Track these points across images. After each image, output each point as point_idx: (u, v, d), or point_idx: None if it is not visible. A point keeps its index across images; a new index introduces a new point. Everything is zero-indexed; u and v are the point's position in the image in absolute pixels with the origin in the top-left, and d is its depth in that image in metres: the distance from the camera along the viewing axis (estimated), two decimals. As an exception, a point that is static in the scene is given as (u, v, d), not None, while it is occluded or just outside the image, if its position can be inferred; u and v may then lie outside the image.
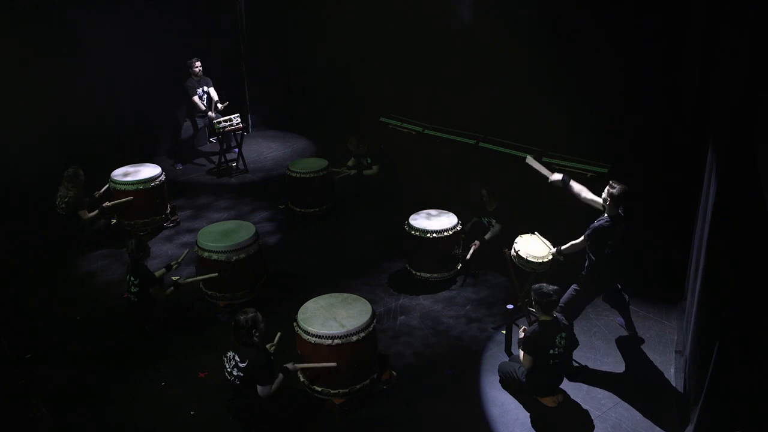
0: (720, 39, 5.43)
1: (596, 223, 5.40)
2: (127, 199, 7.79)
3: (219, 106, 10.07)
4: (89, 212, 7.61)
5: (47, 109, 9.05)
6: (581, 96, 7.56)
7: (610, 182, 5.45)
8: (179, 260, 6.71)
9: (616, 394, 5.31)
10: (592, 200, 5.62)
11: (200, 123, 10.33)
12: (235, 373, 4.63)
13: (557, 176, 5.86)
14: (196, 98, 9.95)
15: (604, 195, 5.44)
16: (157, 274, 6.36)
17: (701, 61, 6.25)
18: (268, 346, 5.21)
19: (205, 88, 10.03)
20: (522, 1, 8.25)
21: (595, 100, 7.51)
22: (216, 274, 6.31)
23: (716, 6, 5.70)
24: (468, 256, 6.95)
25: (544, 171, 6.04)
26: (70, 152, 8.57)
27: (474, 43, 8.84)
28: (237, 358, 4.63)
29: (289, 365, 4.97)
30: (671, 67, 6.87)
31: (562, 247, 5.78)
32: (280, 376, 4.83)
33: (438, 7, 8.95)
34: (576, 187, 5.73)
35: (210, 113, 10.03)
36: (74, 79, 9.23)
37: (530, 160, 6.16)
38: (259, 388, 4.64)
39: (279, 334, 5.37)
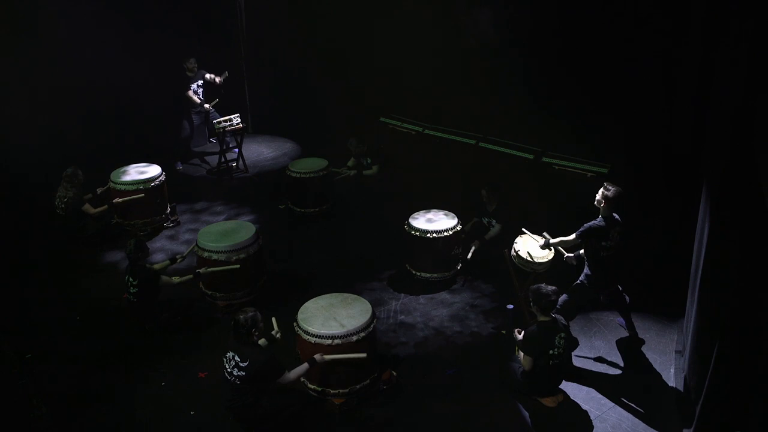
0: (720, 39, 5.43)
1: (589, 223, 5.46)
2: (138, 196, 7.79)
3: (218, 80, 9.97)
4: (94, 208, 7.59)
5: (47, 109, 9.05)
6: (581, 96, 7.56)
7: (605, 184, 5.49)
8: (184, 254, 6.71)
9: (616, 394, 5.31)
10: (566, 242, 5.72)
11: (196, 120, 10.31)
12: (235, 373, 4.63)
13: (540, 241, 5.98)
14: (190, 92, 9.95)
15: (598, 197, 5.49)
16: (159, 266, 6.37)
17: (701, 61, 6.25)
18: (273, 332, 5.22)
19: (200, 82, 10.01)
20: (522, 0, 8.25)
21: (596, 100, 7.50)
22: (238, 266, 6.31)
23: (716, 6, 5.70)
24: (469, 256, 6.95)
25: (535, 239, 6.13)
26: (70, 152, 8.57)
27: (474, 43, 8.83)
28: (237, 358, 4.63)
29: (317, 356, 4.96)
30: (671, 67, 6.87)
31: (552, 240, 5.85)
32: (305, 365, 4.86)
33: (438, 7, 8.94)
34: (555, 241, 5.85)
35: (207, 105, 10.02)
36: (75, 79, 9.24)
37: (526, 233, 6.27)
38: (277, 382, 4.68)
39: (273, 318, 5.37)
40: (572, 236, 5.63)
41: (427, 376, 5.65)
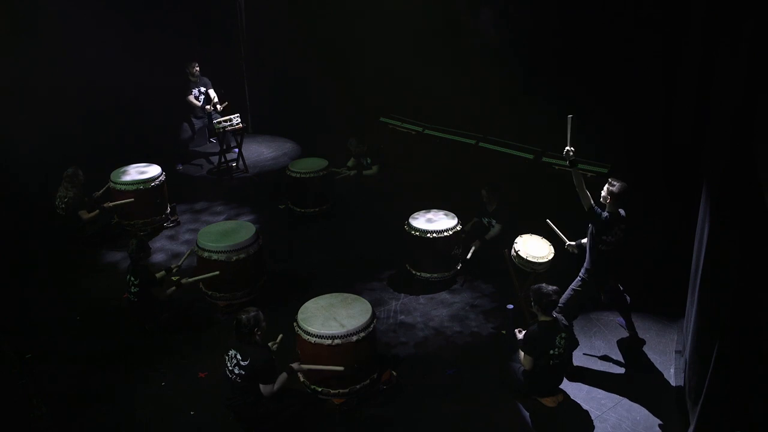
0: (720, 39, 5.43)
1: (600, 212, 5.39)
2: (127, 200, 7.79)
3: (219, 107, 10.11)
4: (89, 212, 7.62)
5: (47, 109, 9.06)
6: (581, 96, 7.56)
7: (610, 180, 5.47)
8: (179, 263, 6.70)
9: (616, 394, 5.31)
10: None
11: (198, 124, 10.37)
12: (236, 371, 4.64)
13: (571, 243, 5.94)
14: (191, 98, 10.01)
15: (603, 193, 5.47)
16: (156, 276, 6.36)
17: (701, 61, 6.25)
18: (270, 344, 5.22)
19: (203, 89, 10.06)
20: (521, 1, 8.25)
21: (595, 100, 7.51)
22: (218, 272, 6.31)
23: (716, 6, 5.70)
24: (468, 256, 6.95)
25: (561, 236, 6.06)
26: (70, 152, 8.58)
27: (474, 43, 8.84)
28: (239, 357, 4.63)
29: (294, 365, 4.98)
30: (671, 67, 6.88)
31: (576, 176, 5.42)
32: (284, 374, 4.84)
33: (439, 7, 8.95)
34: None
35: (207, 107, 10.06)
36: (75, 79, 9.24)
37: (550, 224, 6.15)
38: (261, 387, 4.66)
39: (281, 336, 5.37)
40: (589, 200, 5.38)
41: (427, 376, 5.65)
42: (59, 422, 5.15)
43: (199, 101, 10.08)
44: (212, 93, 10.09)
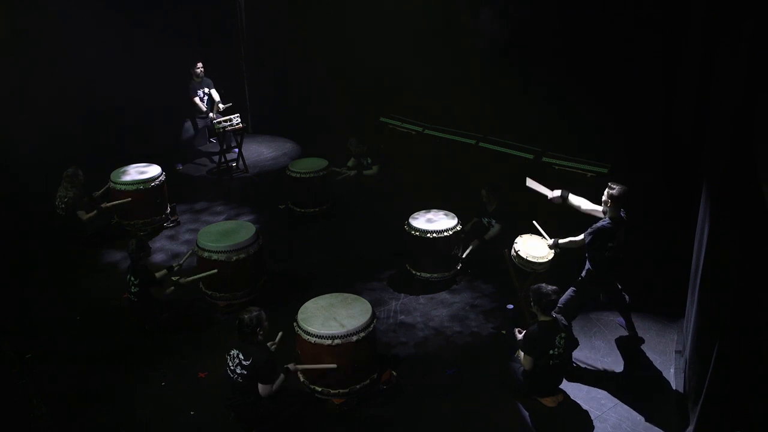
0: (720, 39, 5.44)
1: (598, 224, 5.43)
2: (125, 200, 7.79)
3: (221, 106, 10.11)
4: (87, 213, 7.61)
5: (47, 109, 9.05)
6: (581, 96, 7.56)
7: (609, 184, 5.46)
8: (181, 262, 6.70)
9: (616, 394, 5.31)
10: (592, 210, 5.68)
11: (200, 123, 10.39)
12: (238, 371, 4.64)
13: (556, 193, 5.92)
14: (196, 99, 10.04)
15: (604, 197, 5.46)
16: (157, 275, 6.36)
17: (701, 61, 6.26)
18: (269, 344, 5.22)
19: (206, 90, 10.07)
20: (521, 1, 8.25)
21: (596, 100, 7.51)
22: (216, 270, 6.31)
23: (716, 6, 5.71)
24: (464, 255, 6.95)
25: (543, 190, 6.08)
26: (70, 152, 8.57)
27: (474, 43, 8.84)
28: (241, 356, 4.63)
29: (290, 366, 4.99)
30: (671, 67, 6.88)
31: (560, 241, 5.85)
32: (282, 376, 4.84)
33: (439, 7, 8.96)
34: (575, 200, 5.79)
35: (211, 114, 10.09)
36: (75, 79, 9.24)
37: (530, 182, 6.21)
38: (260, 386, 4.66)
39: (281, 333, 5.38)
40: (580, 236, 5.58)
41: (427, 376, 5.65)
42: (59, 422, 5.15)
43: (204, 101, 10.09)
44: (215, 94, 10.10)
